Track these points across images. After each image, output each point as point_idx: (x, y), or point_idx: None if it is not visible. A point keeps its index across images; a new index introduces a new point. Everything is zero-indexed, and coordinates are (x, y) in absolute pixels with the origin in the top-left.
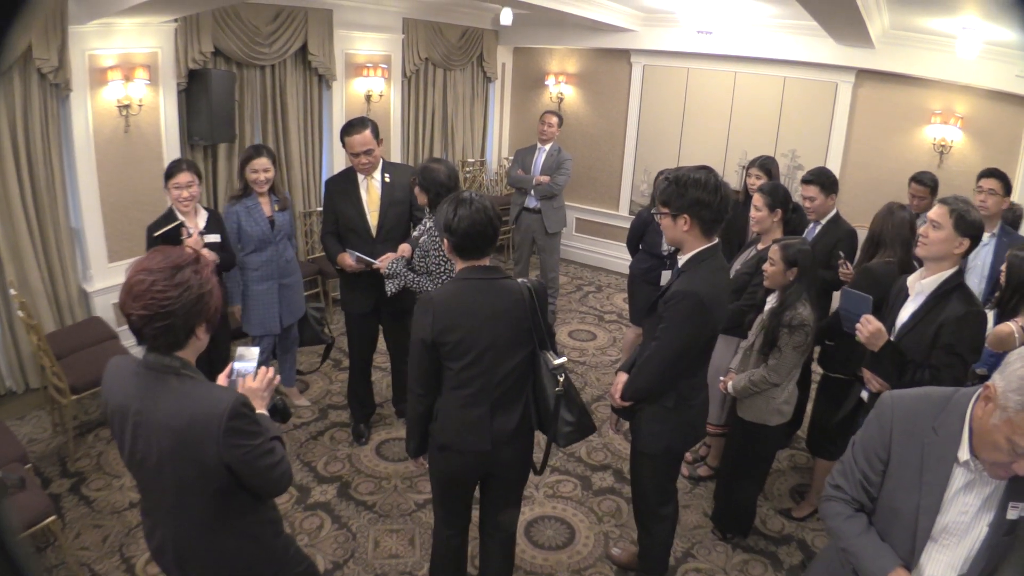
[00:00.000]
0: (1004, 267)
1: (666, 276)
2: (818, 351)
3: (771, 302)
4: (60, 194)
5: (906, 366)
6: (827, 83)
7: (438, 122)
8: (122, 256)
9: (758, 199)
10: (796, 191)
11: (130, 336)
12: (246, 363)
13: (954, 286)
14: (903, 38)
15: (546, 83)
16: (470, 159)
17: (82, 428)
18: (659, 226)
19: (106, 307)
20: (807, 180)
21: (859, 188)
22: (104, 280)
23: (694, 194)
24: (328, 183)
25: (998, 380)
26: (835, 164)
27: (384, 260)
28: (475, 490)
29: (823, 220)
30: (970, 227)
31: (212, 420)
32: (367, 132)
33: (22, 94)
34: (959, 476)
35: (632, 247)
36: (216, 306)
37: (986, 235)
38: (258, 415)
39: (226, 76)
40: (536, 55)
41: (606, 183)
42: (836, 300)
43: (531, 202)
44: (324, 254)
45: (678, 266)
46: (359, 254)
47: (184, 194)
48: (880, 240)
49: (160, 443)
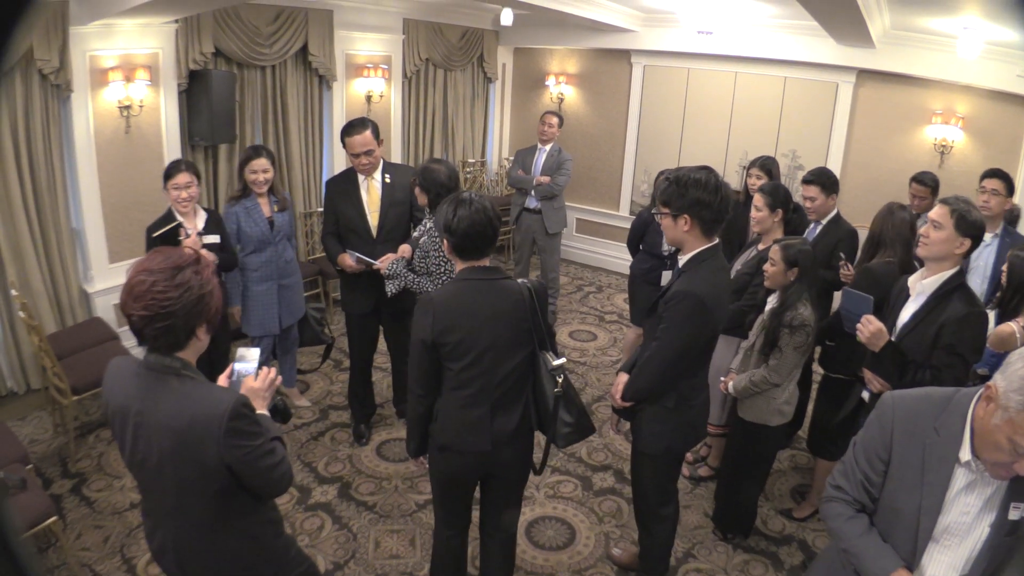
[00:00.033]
0: (1005, 267)
1: (667, 276)
2: (819, 351)
3: (772, 302)
4: (61, 195)
5: (907, 366)
6: (828, 83)
7: (438, 123)
8: (123, 257)
9: (759, 199)
10: (797, 191)
11: (131, 337)
12: (247, 364)
13: (955, 286)
14: (904, 38)
15: (546, 83)
16: (470, 159)
17: (83, 429)
18: (659, 226)
19: (107, 308)
20: (808, 180)
21: (860, 188)
22: (105, 281)
23: (694, 194)
24: (328, 184)
25: (999, 380)
26: (836, 164)
27: (384, 261)
28: (475, 491)
29: (824, 220)
30: (971, 227)
31: (213, 421)
32: (367, 133)
33: (23, 95)
34: (960, 476)
35: (632, 247)
36: (217, 307)
37: (988, 235)
38: (259, 415)
39: (227, 77)
40: (536, 55)
41: (606, 183)
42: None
43: (531, 202)
44: (325, 255)
45: (678, 266)
46: (359, 255)
47: (183, 195)
48: (880, 240)
49: (161, 444)
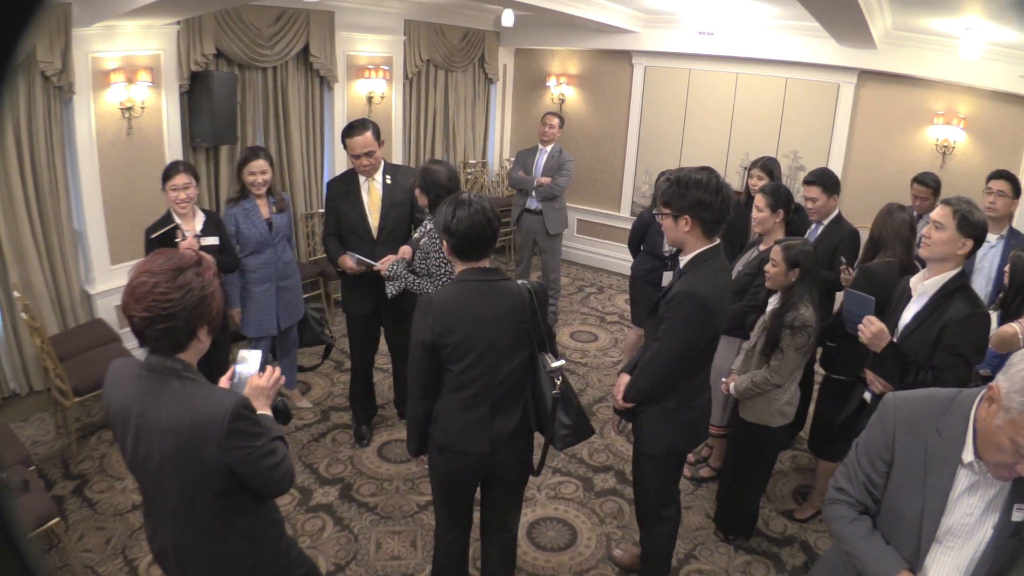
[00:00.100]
0: (1007, 268)
1: (667, 277)
2: (820, 352)
3: (773, 303)
4: (63, 196)
5: (909, 367)
6: (829, 84)
7: (439, 124)
8: (124, 258)
9: (760, 200)
10: (798, 192)
11: (132, 338)
12: (247, 366)
13: (957, 287)
14: (905, 39)
15: (547, 84)
16: (471, 160)
17: (85, 430)
18: (660, 227)
19: (108, 309)
20: (809, 181)
21: (861, 189)
22: (106, 282)
23: (695, 195)
24: (329, 185)
25: (1002, 381)
26: (837, 165)
27: (384, 262)
28: (476, 492)
29: (825, 221)
30: (973, 228)
31: (214, 422)
32: (368, 134)
33: (26, 97)
34: (963, 478)
35: (633, 248)
36: (218, 309)
37: (994, 237)
38: (261, 415)
39: (228, 78)
40: (537, 56)
41: (607, 184)
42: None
43: (532, 203)
44: (326, 256)
45: (679, 267)
46: (359, 256)
47: (181, 196)
48: (880, 241)
49: (162, 445)
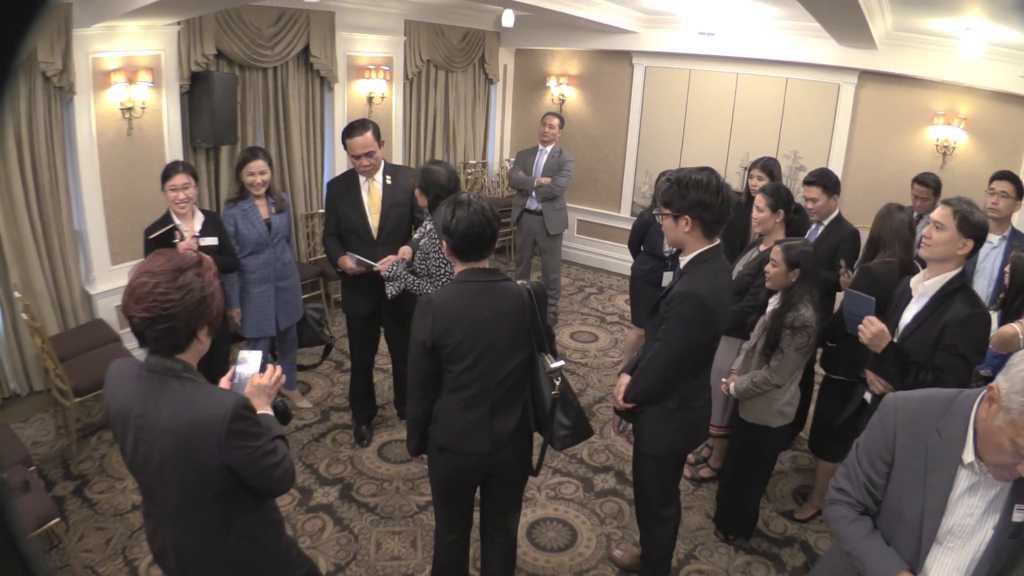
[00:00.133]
0: (1008, 268)
1: (668, 277)
2: (820, 353)
3: (773, 303)
4: (63, 197)
5: (909, 367)
6: (829, 84)
7: (440, 124)
8: (125, 259)
9: (760, 200)
10: (798, 192)
11: (133, 338)
12: (248, 366)
13: (957, 287)
14: (906, 39)
15: (548, 85)
16: (472, 161)
17: (85, 431)
18: (661, 227)
19: (109, 309)
20: (809, 181)
21: (861, 189)
22: (107, 283)
23: (696, 195)
24: (330, 185)
25: (1002, 382)
26: (837, 165)
27: (384, 263)
28: (476, 492)
29: (825, 221)
30: (974, 228)
31: (214, 423)
32: (368, 134)
33: (26, 97)
34: (963, 478)
35: (634, 248)
36: (218, 309)
37: (996, 238)
38: (262, 415)
39: (228, 78)
40: (538, 57)
41: (607, 184)
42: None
43: (532, 204)
44: (326, 256)
45: (680, 267)
46: (359, 257)
47: (180, 196)
48: (879, 241)
49: (162, 446)
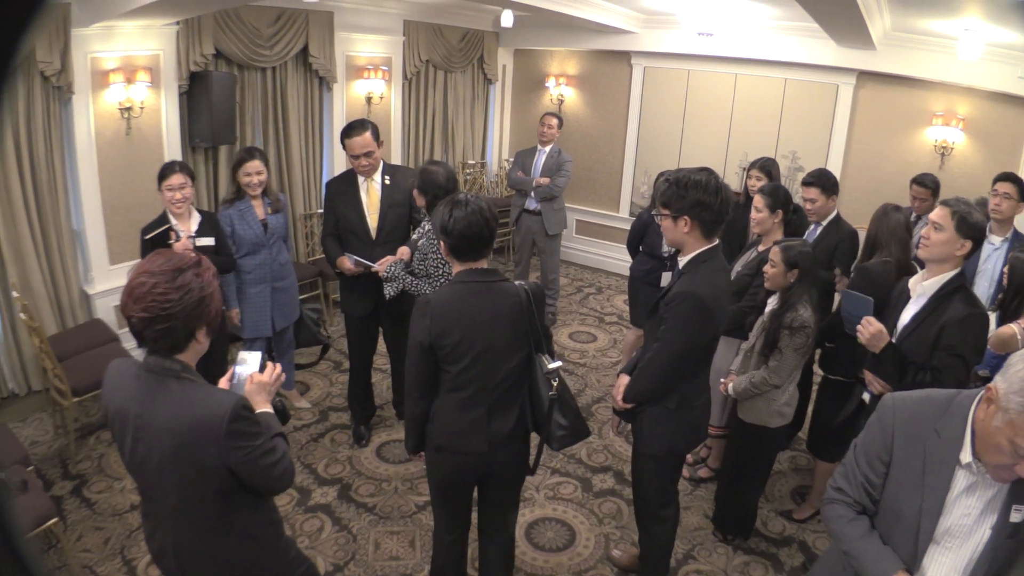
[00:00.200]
0: (1006, 269)
1: (666, 278)
2: (819, 353)
3: (772, 304)
4: (62, 196)
5: (907, 368)
6: (828, 85)
7: (438, 124)
8: (123, 258)
9: (759, 200)
10: (797, 193)
11: (131, 338)
12: (247, 367)
13: (956, 288)
14: (904, 40)
15: (546, 85)
16: (470, 161)
17: (83, 430)
18: (659, 228)
19: (107, 309)
20: (808, 182)
21: (860, 190)
22: (105, 282)
23: (695, 196)
24: (328, 185)
25: (1000, 382)
26: (836, 166)
27: (383, 263)
28: (474, 492)
29: (824, 221)
30: (972, 229)
31: (213, 423)
32: (367, 134)
33: (25, 97)
34: (961, 478)
35: (632, 249)
36: (217, 310)
37: (998, 239)
38: (262, 413)
39: (227, 78)
40: (537, 57)
41: (606, 185)
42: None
43: (531, 204)
44: (324, 256)
45: (679, 268)
46: (357, 257)
47: (177, 196)
48: (876, 241)
49: (161, 446)
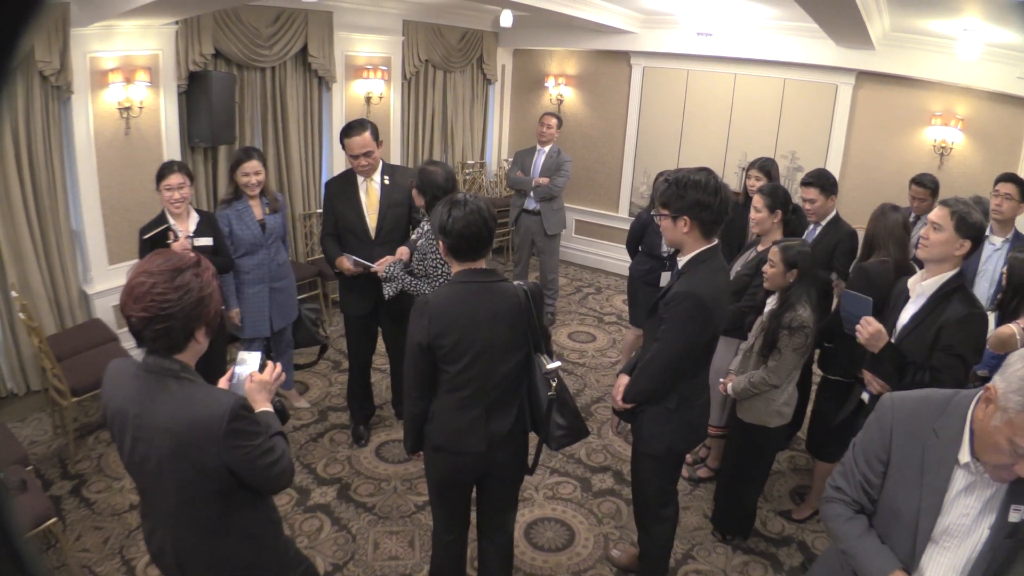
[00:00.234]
0: (1005, 269)
1: (666, 277)
2: (818, 353)
3: (771, 304)
4: (61, 196)
5: (906, 368)
6: (827, 85)
7: (438, 124)
8: (122, 258)
9: (758, 200)
10: (796, 193)
11: (130, 338)
12: (247, 367)
13: (955, 288)
14: (903, 40)
15: (546, 85)
16: (470, 161)
17: (82, 430)
18: (658, 228)
19: (106, 309)
20: (807, 182)
21: (859, 190)
22: (104, 282)
23: (694, 196)
24: (327, 185)
25: (999, 381)
26: (835, 166)
27: (381, 263)
28: (472, 492)
29: (823, 222)
30: (971, 229)
31: (212, 423)
32: (366, 134)
33: (24, 96)
34: (960, 478)
35: (631, 249)
36: (216, 310)
37: (999, 239)
38: (262, 412)
39: (226, 78)
40: (536, 57)
41: (605, 185)
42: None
43: (530, 204)
44: (324, 256)
45: (678, 267)
46: (356, 258)
47: (175, 196)
48: (874, 241)
49: (160, 446)
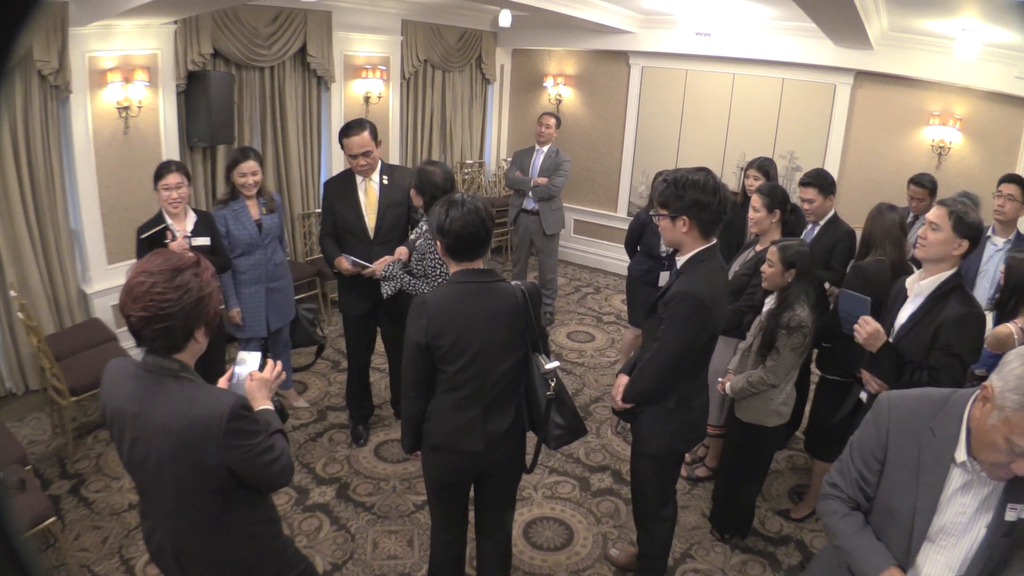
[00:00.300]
0: (1003, 268)
1: (664, 277)
2: (816, 353)
3: (769, 303)
4: (60, 196)
5: (904, 367)
6: (825, 84)
7: (437, 124)
8: (121, 258)
9: (756, 200)
10: (794, 192)
11: (129, 338)
12: (246, 367)
13: (953, 287)
14: (902, 40)
15: (544, 85)
16: (468, 161)
17: (81, 430)
18: (657, 227)
19: (105, 309)
20: (805, 182)
21: (858, 190)
22: (103, 282)
23: (693, 196)
24: (326, 185)
25: (996, 380)
26: (833, 166)
27: (380, 264)
28: (471, 491)
29: (821, 221)
30: (969, 228)
31: (212, 422)
32: (365, 134)
33: (22, 96)
34: (956, 477)
35: (630, 248)
36: (215, 310)
37: (1001, 240)
38: (261, 410)
39: (225, 78)
40: (535, 57)
41: (604, 184)
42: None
43: (529, 204)
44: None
45: (676, 267)
46: (354, 258)
47: (173, 195)
48: (871, 240)
49: (159, 445)
